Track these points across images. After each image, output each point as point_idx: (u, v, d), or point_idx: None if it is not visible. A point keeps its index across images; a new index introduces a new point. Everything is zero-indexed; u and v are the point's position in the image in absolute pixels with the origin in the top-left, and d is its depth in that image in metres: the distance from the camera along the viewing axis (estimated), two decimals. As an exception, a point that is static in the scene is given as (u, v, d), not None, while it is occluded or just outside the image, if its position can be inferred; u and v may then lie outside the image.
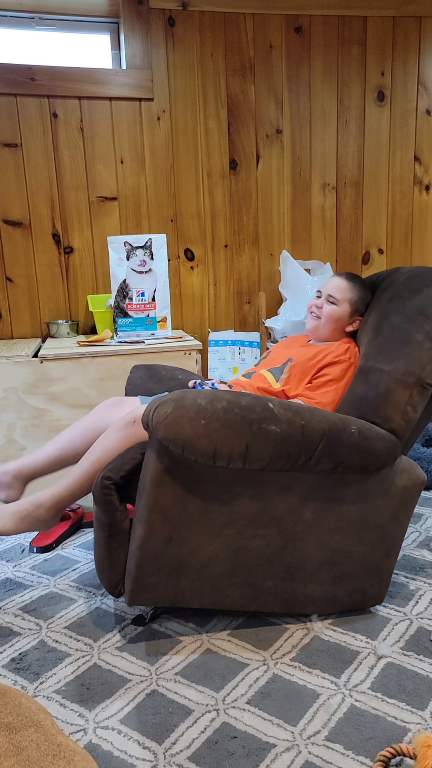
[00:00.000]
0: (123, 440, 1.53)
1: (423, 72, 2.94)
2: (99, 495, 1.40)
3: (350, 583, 1.51)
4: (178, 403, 1.27)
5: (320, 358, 1.71)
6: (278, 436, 1.30)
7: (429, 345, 1.49)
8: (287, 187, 2.91)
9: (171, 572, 1.39)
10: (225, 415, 1.27)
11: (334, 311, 1.77)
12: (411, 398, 1.47)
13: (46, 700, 1.30)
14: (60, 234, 2.68)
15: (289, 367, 1.74)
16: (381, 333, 1.59)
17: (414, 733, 1.17)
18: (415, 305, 1.56)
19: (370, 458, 1.39)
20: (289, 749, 1.15)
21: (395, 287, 1.68)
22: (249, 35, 2.72)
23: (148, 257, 2.39)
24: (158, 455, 1.31)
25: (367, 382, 1.52)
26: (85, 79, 2.57)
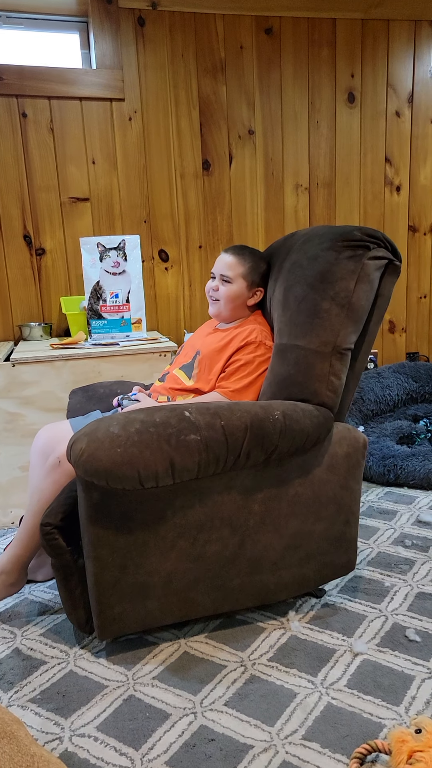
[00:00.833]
0: (54, 484, 1.51)
1: (392, 74, 2.98)
2: (43, 542, 1.38)
3: (317, 560, 1.52)
4: (90, 437, 1.26)
5: (225, 344, 1.66)
6: (200, 444, 1.28)
7: (337, 310, 1.47)
8: (260, 188, 2.92)
9: (134, 597, 1.37)
10: (140, 438, 1.25)
11: (231, 290, 1.69)
12: (332, 367, 1.46)
13: (21, 709, 1.28)
14: (31, 235, 2.65)
15: (198, 360, 1.69)
16: (288, 306, 1.55)
17: (389, 729, 1.19)
18: (314, 272, 1.51)
19: (301, 438, 1.38)
20: (267, 750, 1.15)
21: (294, 255, 1.61)
22: (219, 36, 2.73)
23: (121, 258, 2.37)
24: (87, 491, 1.29)
25: (286, 361, 1.50)
26: (54, 78, 2.54)
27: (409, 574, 1.74)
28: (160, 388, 1.74)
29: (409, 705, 1.25)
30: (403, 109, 3.03)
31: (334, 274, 1.48)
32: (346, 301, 1.47)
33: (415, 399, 2.96)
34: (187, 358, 1.76)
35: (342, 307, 1.47)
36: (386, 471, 2.39)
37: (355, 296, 1.47)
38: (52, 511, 1.39)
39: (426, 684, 1.31)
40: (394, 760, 1.06)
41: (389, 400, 2.89)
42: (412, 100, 3.03)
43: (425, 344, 3.35)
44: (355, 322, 1.49)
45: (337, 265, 1.48)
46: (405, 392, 2.93)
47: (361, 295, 1.48)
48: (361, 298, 1.48)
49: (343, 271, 1.48)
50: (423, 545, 1.91)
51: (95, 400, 1.92)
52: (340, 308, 1.47)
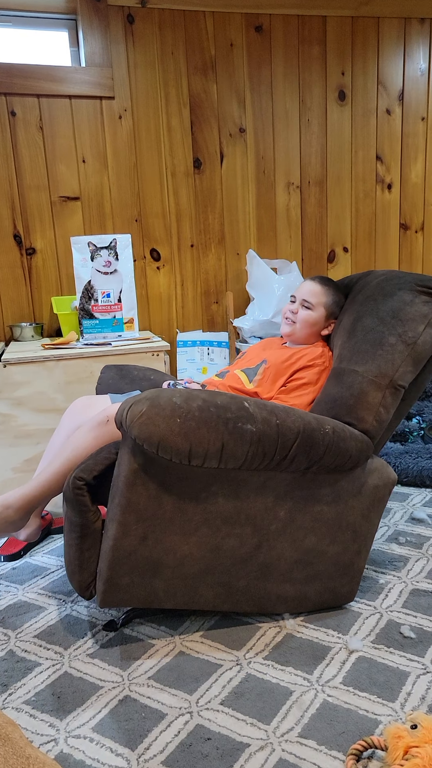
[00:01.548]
0: (95, 440, 1.51)
1: (382, 72, 2.98)
2: (71, 495, 1.38)
3: (322, 582, 1.53)
4: (152, 402, 1.26)
5: (294, 360, 1.72)
6: (254, 435, 1.30)
7: (401, 347, 1.52)
8: (252, 186, 2.91)
9: (144, 572, 1.38)
10: (200, 414, 1.27)
11: (310, 316, 1.78)
12: (384, 399, 1.50)
13: (16, 711, 1.27)
14: (21, 235, 2.63)
15: (263, 368, 1.74)
16: (355, 335, 1.61)
17: (385, 725, 1.19)
18: (388, 308, 1.58)
19: (343, 458, 1.41)
20: (263, 748, 1.15)
21: (368, 290, 1.69)
22: (209, 33, 2.72)
23: (112, 258, 2.36)
24: (132, 454, 1.30)
25: (341, 383, 1.54)
26: (43, 76, 2.53)
27: (404, 571, 1.75)
28: (219, 383, 1.76)
29: (405, 701, 1.26)
30: (394, 107, 3.04)
31: (406, 313, 1.55)
32: (413, 341, 1.52)
33: (408, 396, 2.97)
34: (251, 363, 1.80)
35: (407, 346, 1.52)
36: (379, 468, 2.39)
37: (422, 339, 1.53)
38: (87, 467, 1.40)
39: (421, 680, 1.31)
40: (390, 756, 1.06)
41: (382, 398, 2.89)
42: (403, 97, 3.04)
43: (417, 341, 3.36)
44: (415, 363, 1.53)
45: (411, 306, 1.55)
46: (397, 389, 2.93)
47: (427, 339, 1.54)
48: (427, 343, 1.54)
49: (415, 313, 1.55)
50: (417, 542, 1.92)
51: (128, 380, 1.94)
52: (405, 346, 1.52)
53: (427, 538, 1.94)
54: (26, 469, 2.21)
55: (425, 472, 2.33)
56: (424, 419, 2.82)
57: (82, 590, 1.44)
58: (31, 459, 2.21)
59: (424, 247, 3.24)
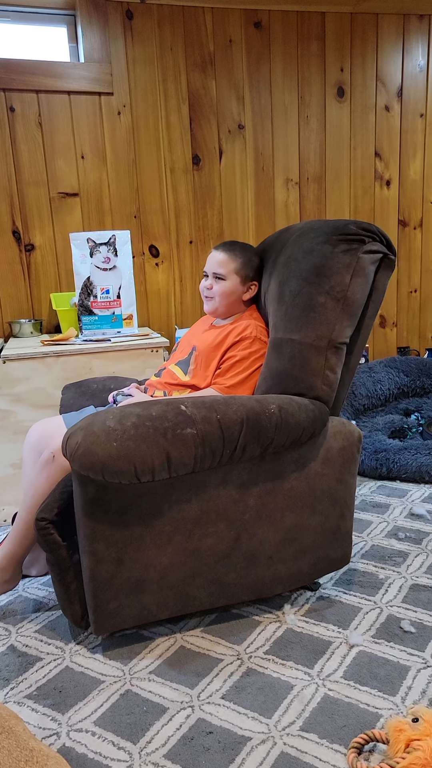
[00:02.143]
0: (48, 479, 1.50)
1: (381, 68, 2.98)
2: (38, 537, 1.38)
3: (313, 554, 1.53)
4: (86, 431, 1.25)
5: (221, 340, 1.66)
6: (197, 438, 1.28)
7: (332, 304, 1.46)
8: (251, 183, 2.91)
9: (130, 592, 1.37)
10: (136, 431, 1.25)
11: (225, 287, 1.69)
12: (328, 361, 1.46)
13: (18, 705, 1.28)
14: (20, 231, 2.62)
15: (194, 356, 1.69)
16: (284, 300, 1.55)
17: (386, 719, 1.19)
18: (310, 266, 1.50)
19: (296, 432, 1.38)
20: (265, 741, 1.16)
21: (289, 249, 1.61)
22: (208, 29, 2.71)
23: (112, 254, 2.36)
24: (83, 485, 1.28)
25: (282, 355, 1.50)
26: (42, 72, 2.52)
27: (403, 566, 1.75)
28: (156, 383, 1.73)
29: (406, 695, 1.26)
30: (393, 104, 3.04)
31: (329, 268, 1.48)
32: (342, 295, 1.47)
33: (407, 393, 2.98)
34: (183, 354, 1.75)
35: (337, 301, 1.47)
36: (378, 465, 2.40)
37: (351, 290, 1.47)
38: (47, 506, 1.39)
39: (422, 674, 1.32)
40: (392, 749, 1.07)
41: (381, 395, 2.90)
42: (401, 94, 3.04)
43: (416, 338, 3.37)
44: (351, 316, 1.49)
45: (332, 259, 1.48)
46: (396, 386, 2.94)
47: (356, 289, 1.48)
48: (357, 292, 1.48)
49: (338, 265, 1.47)
50: (416, 537, 1.92)
51: (88, 396, 1.91)
52: (335, 302, 1.47)
53: (426, 534, 1.94)
54: (25, 466, 2.20)
55: (424, 468, 2.34)
56: (422, 415, 2.83)
57: (77, 622, 1.43)
58: (31, 455, 2.21)
59: (422, 244, 3.24)
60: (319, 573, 1.55)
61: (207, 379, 1.64)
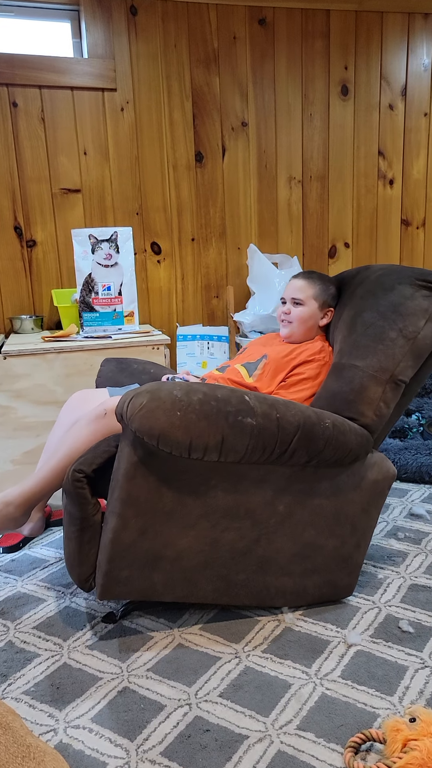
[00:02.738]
0: (94, 434, 1.50)
1: (385, 67, 2.97)
2: (71, 489, 1.38)
3: (321, 576, 1.53)
4: (153, 395, 1.26)
5: (294, 356, 1.72)
6: (254, 429, 1.30)
7: (402, 342, 1.51)
8: (253, 181, 2.90)
9: (144, 565, 1.38)
10: (201, 407, 1.26)
11: (303, 312, 1.77)
12: (384, 394, 1.49)
13: (15, 701, 1.28)
14: (22, 227, 2.62)
15: (263, 363, 1.74)
16: (355, 330, 1.60)
17: (383, 719, 1.19)
18: (388, 302, 1.57)
19: (343, 452, 1.41)
20: (262, 740, 1.16)
21: (368, 284, 1.69)
22: (213, 26, 2.71)
23: (113, 251, 2.35)
24: (132, 447, 1.29)
25: (342, 378, 1.53)
26: (45, 67, 2.51)
27: (402, 566, 1.75)
28: (219, 377, 1.77)
29: (403, 695, 1.26)
30: (397, 102, 3.03)
31: (407, 308, 1.54)
32: (413, 336, 1.51)
33: (407, 392, 2.97)
34: (252, 358, 1.79)
35: (407, 340, 1.51)
36: (378, 464, 2.39)
37: (423, 334, 1.52)
38: (86, 461, 1.40)
39: (419, 674, 1.32)
40: (388, 748, 1.07)
41: (381, 394, 2.89)
42: (406, 93, 3.03)
43: (417, 338, 3.36)
44: (416, 358, 1.52)
45: (412, 301, 1.54)
46: (397, 386, 2.94)
47: (428, 334, 1.53)
48: (428, 338, 1.53)
49: (416, 307, 1.54)
50: (416, 538, 1.92)
51: (127, 374, 1.94)
52: (405, 340, 1.51)
53: (425, 534, 1.94)
54: (26, 462, 2.21)
55: (424, 468, 2.34)
56: (423, 415, 2.83)
57: (82, 583, 1.45)
58: (31, 451, 2.21)
59: (425, 244, 3.23)
60: (322, 597, 1.55)
61: (271, 387, 1.69)
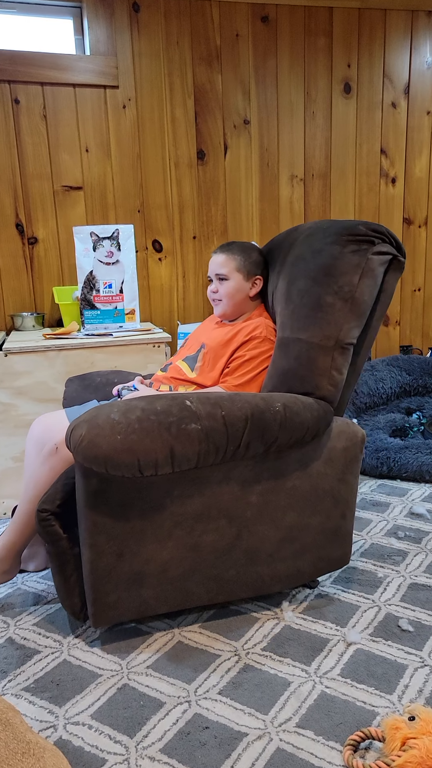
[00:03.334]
0: (51, 471, 1.50)
1: (388, 65, 2.96)
2: (40, 528, 1.38)
3: (313, 553, 1.53)
4: (90, 423, 1.25)
5: (231, 337, 1.66)
6: (201, 433, 1.28)
7: (340, 305, 1.46)
8: (255, 179, 2.90)
9: (129, 585, 1.37)
10: (141, 425, 1.25)
11: (230, 287, 1.69)
12: (334, 361, 1.46)
13: (15, 698, 1.28)
14: (24, 224, 2.62)
15: (202, 353, 1.69)
16: (291, 300, 1.55)
17: (382, 717, 1.20)
18: (318, 265, 1.50)
19: (300, 431, 1.38)
20: (261, 737, 1.16)
21: (297, 248, 1.61)
22: (215, 23, 2.70)
23: (115, 248, 2.35)
24: (86, 477, 1.29)
25: (288, 354, 1.50)
26: (47, 64, 2.51)
27: (402, 565, 1.75)
28: (162, 377, 1.74)
29: (402, 693, 1.26)
30: (399, 101, 3.02)
31: (338, 268, 1.48)
32: (350, 296, 1.47)
33: (408, 392, 2.97)
34: (191, 350, 1.76)
35: (345, 302, 1.46)
36: (379, 463, 2.40)
37: (359, 291, 1.47)
38: (48, 498, 1.39)
39: (419, 673, 1.32)
40: (387, 747, 1.07)
41: (382, 393, 2.90)
42: (408, 91, 3.02)
43: (419, 337, 3.36)
44: (358, 317, 1.49)
45: (341, 260, 1.48)
46: (398, 385, 2.94)
47: (364, 290, 1.48)
48: (365, 293, 1.48)
49: (347, 265, 1.47)
50: (416, 537, 1.92)
51: (92, 389, 1.91)
52: (343, 302, 1.46)
53: (426, 533, 1.94)
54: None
55: (425, 467, 2.34)
56: (424, 415, 2.83)
57: (76, 614, 1.43)
58: (32, 449, 2.21)
59: (427, 242, 3.23)
60: (318, 572, 1.55)
61: (214, 377, 1.64)
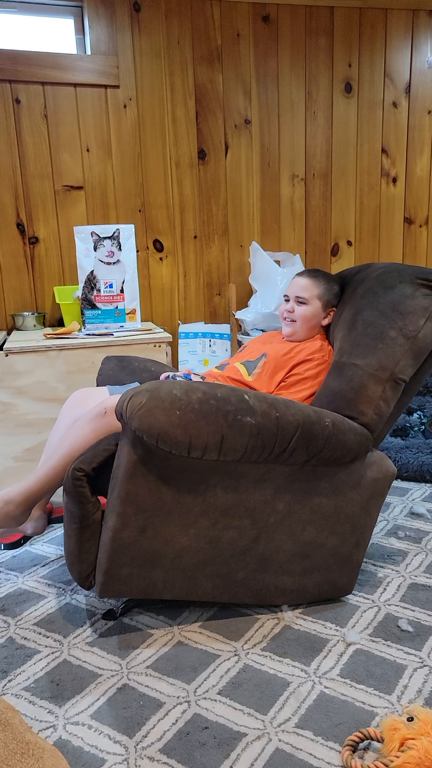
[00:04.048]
0: (94, 432, 1.51)
1: (389, 64, 2.96)
2: (71, 487, 1.39)
3: (321, 574, 1.53)
4: (152, 394, 1.27)
5: (293, 354, 1.72)
6: (253, 428, 1.30)
7: (402, 341, 1.51)
8: (256, 178, 2.90)
9: (144, 563, 1.38)
10: (200, 407, 1.27)
11: (307, 311, 1.77)
12: (384, 393, 1.50)
13: (15, 698, 1.28)
14: (24, 223, 2.62)
15: (263, 362, 1.74)
16: (355, 328, 1.60)
17: (381, 717, 1.20)
18: (388, 301, 1.57)
19: (342, 451, 1.41)
20: (260, 737, 1.16)
21: (368, 283, 1.69)
22: (216, 23, 2.70)
23: (115, 248, 2.35)
24: (132, 446, 1.30)
25: (342, 377, 1.54)
26: (48, 64, 2.51)
27: (402, 565, 1.76)
28: (218, 375, 1.77)
29: (401, 694, 1.26)
30: (400, 100, 3.01)
31: (407, 306, 1.54)
32: (413, 335, 1.52)
33: (409, 391, 2.97)
34: (252, 356, 1.79)
35: (407, 339, 1.51)
36: (380, 462, 2.39)
37: (423, 332, 1.52)
38: (86, 459, 1.40)
39: (418, 673, 1.32)
40: (386, 747, 1.07)
41: (383, 392, 2.89)
42: (410, 90, 3.02)
43: (419, 337, 3.35)
44: (416, 357, 1.53)
45: (411, 299, 1.54)
46: (399, 384, 2.93)
47: (428, 332, 1.53)
48: (428, 336, 1.53)
49: (416, 306, 1.54)
50: (416, 537, 1.92)
51: (128, 372, 1.94)
52: (405, 339, 1.51)
53: (426, 533, 1.94)
54: (27, 458, 2.21)
55: (425, 467, 2.34)
56: (425, 414, 2.83)
57: (82, 580, 1.45)
58: (32, 448, 2.21)
59: (428, 242, 3.23)
60: (321, 596, 1.56)
61: (270, 387, 1.68)
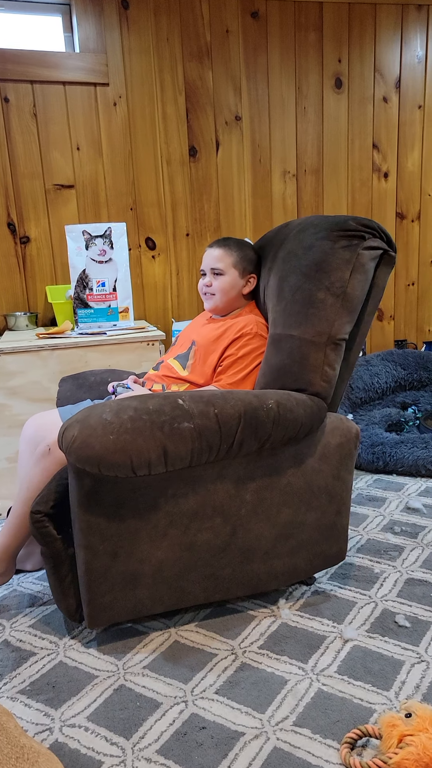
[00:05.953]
0: (43, 472, 1.49)
1: (379, 59, 2.95)
2: (34, 530, 1.37)
3: (308, 550, 1.52)
4: (83, 424, 1.24)
5: (220, 334, 1.65)
6: (193, 432, 1.27)
7: (332, 300, 1.46)
8: (248, 175, 2.89)
9: (124, 586, 1.36)
10: (133, 425, 1.24)
11: (225, 282, 1.69)
12: (327, 357, 1.46)
13: (10, 701, 1.27)
14: (15, 223, 2.60)
15: (193, 350, 1.69)
16: (283, 296, 1.55)
17: (379, 714, 1.19)
18: (310, 261, 1.50)
19: (295, 428, 1.38)
20: (258, 736, 1.16)
21: (288, 245, 1.61)
22: (205, 19, 2.68)
23: (107, 246, 2.34)
24: (79, 478, 1.28)
25: (281, 351, 1.50)
26: (37, 62, 2.49)
27: (399, 561, 1.75)
28: (154, 376, 1.73)
29: (399, 690, 1.26)
30: (391, 95, 3.01)
31: (329, 263, 1.48)
32: (341, 291, 1.46)
33: (404, 386, 2.97)
34: (183, 348, 1.75)
35: (337, 297, 1.46)
36: (375, 458, 2.39)
37: (350, 286, 1.47)
38: (42, 499, 1.38)
39: (415, 669, 1.32)
40: (384, 744, 1.07)
41: (378, 388, 2.89)
42: (400, 85, 3.01)
43: (413, 332, 3.35)
44: (350, 313, 1.48)
45: (332, 255, 1.48)
46: (393, 380, 2.93)
47: (356, 285, 1.47)
48: (356, 288, 1.48)
49: (338, 261, 1.47)
50: (412, 531, 1.92)
51: (86, 389, 1.90)
52: (335, 298, 1.46)
53: (422, 528, 1.94)
54: (21, 460, 2.20)
55: (420, 461, 2.33)
56: (419, 409, 2.83)
57: (71, 615, 1.43)
58: (26, 449, 2.20)
59: (420, 237, 3.22)
60: (314, 569, 1.55)
61: (205, 375, 1.64)
